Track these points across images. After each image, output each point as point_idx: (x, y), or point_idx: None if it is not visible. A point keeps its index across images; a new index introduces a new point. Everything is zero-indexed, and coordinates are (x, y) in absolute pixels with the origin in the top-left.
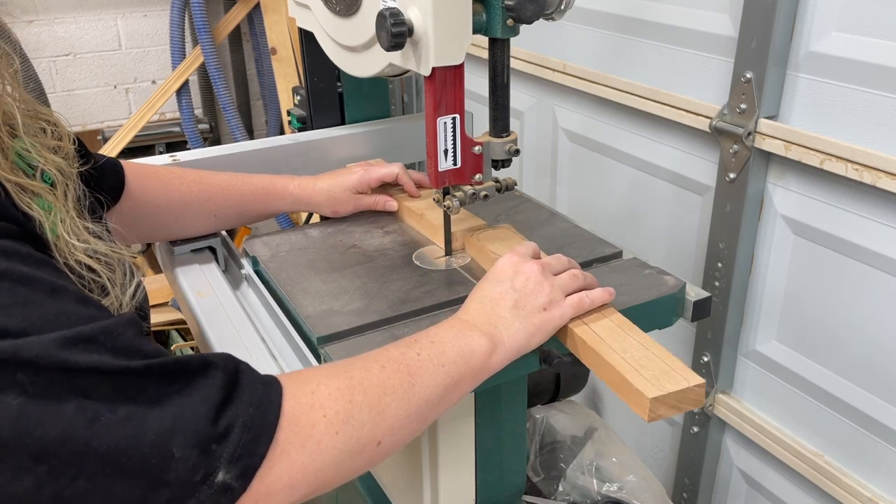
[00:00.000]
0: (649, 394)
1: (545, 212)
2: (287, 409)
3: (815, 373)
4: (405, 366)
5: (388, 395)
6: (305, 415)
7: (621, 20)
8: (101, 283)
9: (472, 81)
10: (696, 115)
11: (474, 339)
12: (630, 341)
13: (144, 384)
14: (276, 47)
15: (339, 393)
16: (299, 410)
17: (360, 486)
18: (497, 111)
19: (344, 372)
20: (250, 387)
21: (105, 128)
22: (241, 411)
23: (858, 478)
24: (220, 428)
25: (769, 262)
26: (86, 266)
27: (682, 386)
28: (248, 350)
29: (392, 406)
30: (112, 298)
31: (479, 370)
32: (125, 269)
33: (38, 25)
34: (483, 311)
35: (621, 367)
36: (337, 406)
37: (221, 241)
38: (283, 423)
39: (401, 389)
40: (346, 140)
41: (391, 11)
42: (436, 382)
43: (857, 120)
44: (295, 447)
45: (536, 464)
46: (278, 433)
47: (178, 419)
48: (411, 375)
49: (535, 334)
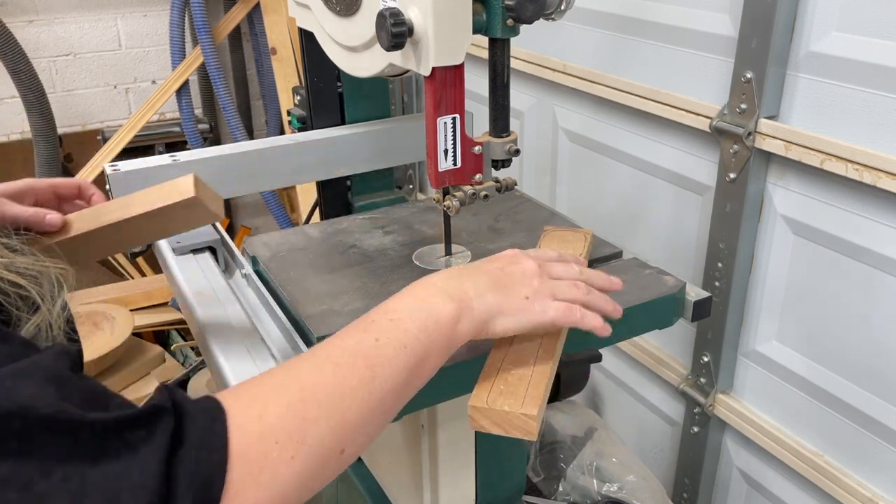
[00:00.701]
0: (472, 401)
1: (545, 212)
2: (235, 443)
3: (814, 373)
4: (363, 357)
5: (347, 398)
6: (255, 446)
7: (621, 20)
8: (30, 298)
9: (472, 81)
10: (696, 115)
11: (439, 305)
12: (528, 357)
13: (86, 438)
14: (276, 47)
15: (290, 411)
16: (248, 442)
17: (360, 486)
18: (497, 111)
19: (294, 380)
20: (194, 424)
21: (105, 128)
22: (189, 458)
23: (858, 478)
24: (170, 482)
25: (769, 262)
26: (9, 282)
27: (507, 409)
28: (248, 350)
29: (352, 409)
30: (43, 313)
31: (447, 341)
32: (52, 280)
33: (38, 25)
34: (458, 275)
35: (486, 370)
36: (289, 427)
37: (221, 241)
38: (233, 461)
39: (360, 387)
40: (346, 140)
41: (391, 11)
42: (399, 367)
43: (857, 120)
44: (248, 486)
45: (536, 464)
46: (229, 473)
47: (123, 479)
48: (371, 368)
49: (507, 315)
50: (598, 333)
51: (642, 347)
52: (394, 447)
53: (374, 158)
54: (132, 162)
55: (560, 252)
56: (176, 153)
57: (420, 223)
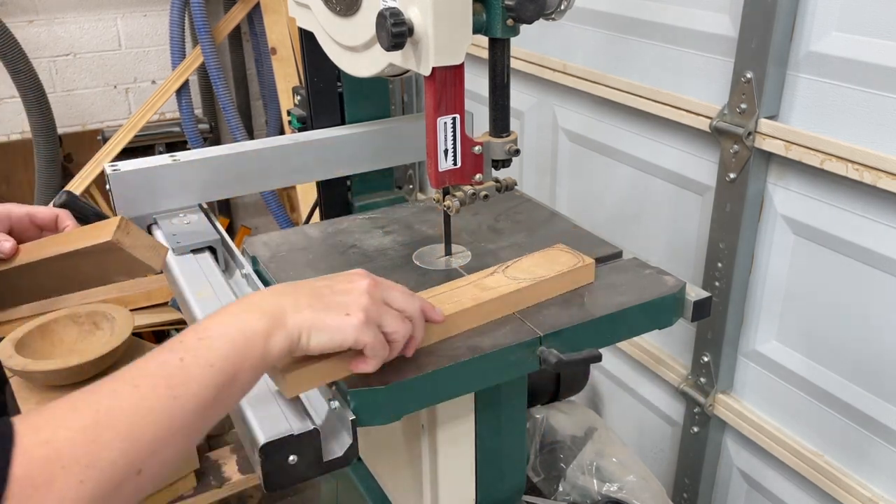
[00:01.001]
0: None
1: (545, 212)
2: (18, 469)
3: (814, 373)
4: (164, 378)
5: (143, 419)
6: (40, 471)
7: (621, 20)
8: None
9: (472, 81)
10: (696, 115)
11: (250, 321)
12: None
13: None
14: (276, 47)
15: (81, 434)
16: (33, 468)
17: (361, 486)
18: (497, 111)
19: (90, 404)
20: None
21: (105, 128)
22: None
23: (858, 478)
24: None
25: (769, 262)
26: None
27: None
28: None
29: (149, 430)
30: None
31: (259, 358)
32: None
33: (38, 25)
34: (279, 292)
35: None
36: (78, 452)
37: (221, 241)
38: (14, 484)
39: (159, 408)
40: (346, 140)
41: (391, 11)
42: (204, 386)
43: (857, 120)
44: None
45: (536, 464)
46: (8, 496)
47: None
48: (172, 388)
49: (323, 331)
50: (359, 371)
51: (642, 347)
52: (394, 447)
53: (374, 158)
54: (132, 162)
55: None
56: (176, 153)
57: (420, 223)
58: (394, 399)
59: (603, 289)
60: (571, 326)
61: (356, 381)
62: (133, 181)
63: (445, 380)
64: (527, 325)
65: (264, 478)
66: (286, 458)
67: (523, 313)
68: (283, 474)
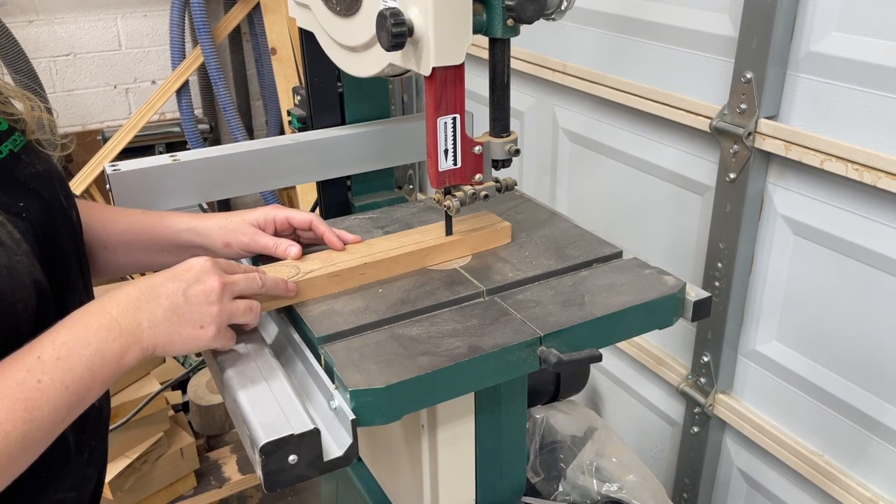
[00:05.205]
0: None
1: (545, 212)
2: None
3: (815, 373)
4: (22, 401)
5: (1, 441)
6: None
7: (621, 20)
8: None
9: (472, 81)
10: (696, 115)
11: (107, 341)
12: None
13: None
14: (276, 47)
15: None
16: None
17: (361, 486)
18: (497, 111)
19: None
20: None
21: (105, 128)
22: None
23: (858, 478)
24: None
25: (769, 262)
26: None
27: None
28: (248, 350)
29: (5, 452)
30: None
31: (112, 374)
32: None
33: (38, 25)
34: (137, 301)
35: None
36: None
37: None
38: None
39: (15, 431)
40: (346, 140)
41: (391, 11)
42: (59, 407)
43: (857, 120)
44: None
45: (536, 464)
46: None
47: None
48: (29, 411)
49: (176, 344)
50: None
51: (642, 347)
52: (394, 447)
53: (374, 158)
54: (132, 162)
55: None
56: (176, 153)
57: (420, 223)
58: (394, 399)
59: (603, 289)
60: (571, 326)
61: (356, 380)
62: (133, 181)
63: (445, 380)
64: (527, 326)
65: (264, 478)
66: (286, 458)
67: (525, 314)
68: (283, 474)
